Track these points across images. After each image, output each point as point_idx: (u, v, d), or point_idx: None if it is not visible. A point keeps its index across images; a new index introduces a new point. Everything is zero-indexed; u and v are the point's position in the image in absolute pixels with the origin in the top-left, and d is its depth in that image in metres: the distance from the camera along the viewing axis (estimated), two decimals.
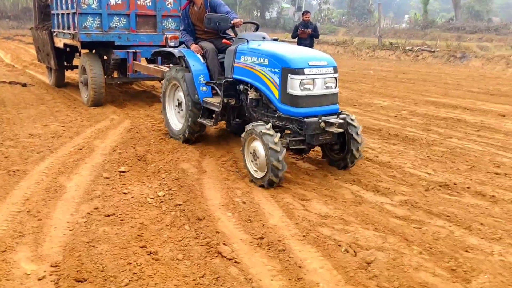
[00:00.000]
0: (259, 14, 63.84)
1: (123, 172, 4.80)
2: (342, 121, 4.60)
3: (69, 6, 8.04)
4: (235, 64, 5.22)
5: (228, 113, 5.63)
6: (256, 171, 4.65)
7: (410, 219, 3.89)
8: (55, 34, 9.30)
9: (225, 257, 3.19)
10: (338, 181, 4.81)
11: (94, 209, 3.89)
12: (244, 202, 4.16)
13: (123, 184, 4.48)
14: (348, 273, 3.03)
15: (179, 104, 6.03)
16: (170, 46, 6.22)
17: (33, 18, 11.60)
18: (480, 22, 45.13)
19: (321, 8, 66.13)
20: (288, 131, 4.79)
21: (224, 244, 3.36)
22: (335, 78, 4.75)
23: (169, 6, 8.37)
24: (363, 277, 2.99)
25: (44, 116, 7.40)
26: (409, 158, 5.70)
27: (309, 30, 11.21)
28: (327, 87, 4.67)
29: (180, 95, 5.93)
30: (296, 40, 11.50)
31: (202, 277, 2.96)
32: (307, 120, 4.49)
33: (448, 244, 3.45)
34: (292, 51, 4.82)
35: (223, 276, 2.96)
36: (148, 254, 3.18)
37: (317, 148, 5.51)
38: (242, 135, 4.76)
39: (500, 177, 5.07)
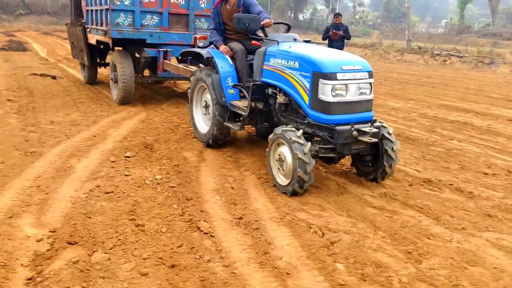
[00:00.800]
0: (292, 15, 64.12)
1: (129, 157, 5.23)
2: (377, 130, 4.35)
3: (102, 2, 8.09)
4: (264, 67, 5.03)
5: (255, 117, 5.43)
6: (280, 176, 4.49)
7: (385, 209, 4.16)
8: (88, 30, 9.33)
9: (202, 231, 3.55)
10: (328, 174, 5.11)
11: (96, 187, 4.32)
12: (233, 188, 4.52)
13: (126, 167, 4.90)
14: (311, 250, 3.34)
15: (206, 106, 5.93)
16: (199, 47, 6.14)
17: (69, 14, 11.85)
18: None
19: (355, 10, 65.90)
20: (318, 138, 4.59)
21: (204, 221, 3.72)
22: (370, 83, 4.50)
23: (202, 5, 8.31)
24: (323, 254, 3.30)
25: (68, 106, 7.94)
26: (404, 156, 5.92)
27: (341, 32, 11.22)
28: (361, 93, 4.42)
29: (208, 97, 5.82)
30: (326, 41, 11.47)
31: (179, 246, 3.33)
32: (338, 128, 4.24)
33: (412, 231, 3.71)
34: (324, 54, 4.61)
35: (197, 246, 3.32)
36: (136, 226, 3.57)
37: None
38: (270, 136, 4.59)
39: (487, 177, 5.25)
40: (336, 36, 11.24)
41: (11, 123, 6.55)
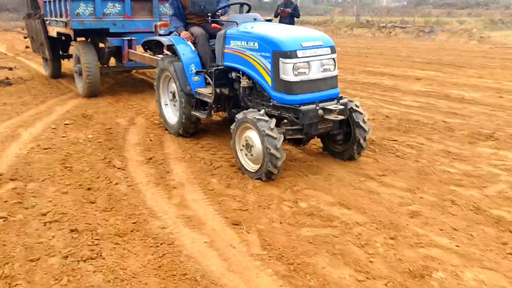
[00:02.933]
0: None
1: (67, 124, 6.26)
2: (343, 107, 4.25)
3: None
4: (225, 50, 4.88)
5: (223, 103, 5.31)
6: (250, 164, 4.37)
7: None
8: (48, 22, 8.97)
9: (116, 167, 4.64)
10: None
11: (37, 145, 5.35)
12: (151, 140, 5.60)
13: (64, 132, 5.93)
14: (197, 173, 4.47)
15: (173, 96, 5.78)
16: (160, 35, 6.03)
17: (26, 7, 11.37)
18: None
19: None
20: (285, 120, 4.49)
21: (120, 161, 4.81)
22: (334, 59, 4.41)
23: None
24: (206, 175, 4.43)
25: (21, 91, 8.85)
26: None
27: (289, 9, 11.99)
28: (324, 70, 4.33)
29: (174, 86, 5.64)
30: (278, 19, 12.21)
31: (97, 178, 4.40)
32: (303, 108, 4.16)
33: (293, 173, 4.81)
34: (283, 32, 4.51)
35: (110, 176, 4.41)
36: (65, 168, 4.63)
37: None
38: (232, 126, 4.49)
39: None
40: (285, 14, 12.01)
41: None
